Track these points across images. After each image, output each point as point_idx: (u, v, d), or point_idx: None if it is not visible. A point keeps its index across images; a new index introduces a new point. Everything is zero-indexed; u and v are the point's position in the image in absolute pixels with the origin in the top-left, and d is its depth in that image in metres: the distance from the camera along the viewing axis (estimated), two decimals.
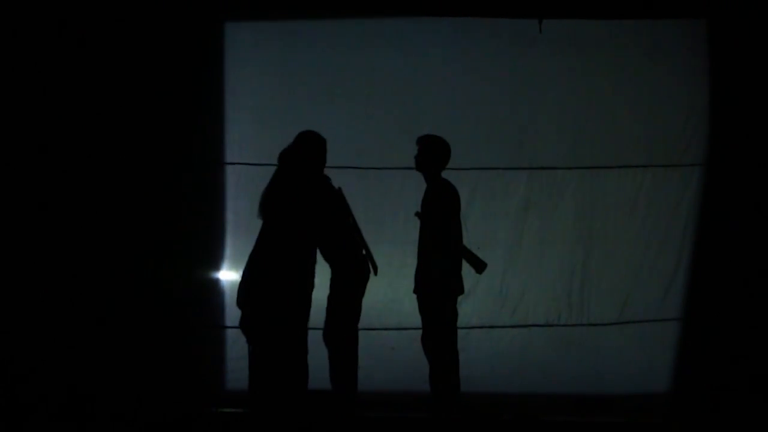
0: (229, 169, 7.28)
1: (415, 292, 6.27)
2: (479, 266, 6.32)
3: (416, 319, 6.29)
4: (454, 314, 6.27)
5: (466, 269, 6.33)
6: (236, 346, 7.02)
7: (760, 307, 6.75)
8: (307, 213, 5.85)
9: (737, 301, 6.80)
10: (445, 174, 6.40)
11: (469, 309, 7.06)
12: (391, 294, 6.52)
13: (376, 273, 6.31)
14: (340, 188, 6.33)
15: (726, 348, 6.77)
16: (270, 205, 5.86)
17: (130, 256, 6.85)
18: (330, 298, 6.28)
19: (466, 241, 6.45)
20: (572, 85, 7.31)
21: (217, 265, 7.26)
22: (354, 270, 6.29)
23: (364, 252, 6.31)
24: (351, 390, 6.27)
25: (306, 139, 5.97)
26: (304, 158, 5.91)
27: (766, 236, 6.81)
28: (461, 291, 6.29)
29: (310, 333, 6.09)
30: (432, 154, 6.29)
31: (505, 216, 7.30)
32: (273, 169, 6.10)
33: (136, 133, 6.95)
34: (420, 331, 6.29)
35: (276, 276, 5.76)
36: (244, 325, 5.88)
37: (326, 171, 6.29)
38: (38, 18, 6.77)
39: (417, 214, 6.29)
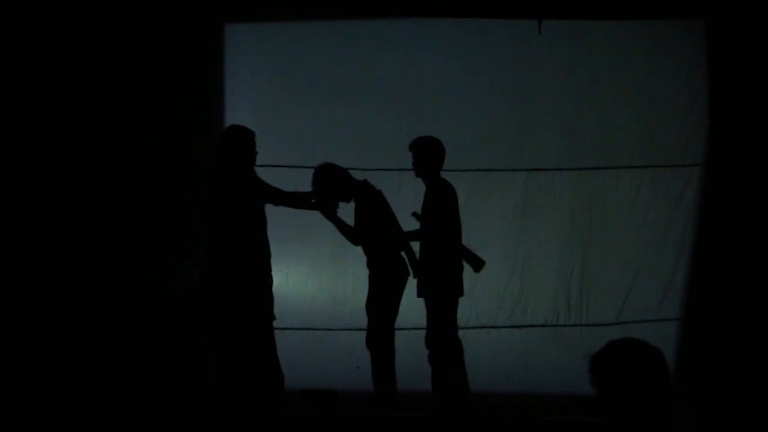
0: None
1: (419, 296, 6.24)
2: (477, 264, 6.32)
3: (414, 320, 6.30)
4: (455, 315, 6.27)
5: (465, 268, 6.33)
6: None
7: (760, 307, 6.74)
8: (244, 209, 5.81)
9: (737, 301, 6.79)
10: (444, 175, 6.40)
11: (467, 309, 7.06)
12: None
13: (414, 275, 6.33)
14: (380, 191, 6.36)
15: (726, 348, 6.76)
16: (206, 208, 5.84)
17: (129, 256, 6.85)
18: (368, 300, 6.31)
19: (464, 242, 6.45)
20: (571, 85, 7.32)
21: None
22: (390, 271, 6.30)
23: (403, 253, 6.34)
24: (391, 391, 6.29)
25: (226, 136, 5.94)
26: (228, 155, 5.87)
27: (766, 236, 6.80)
28: (461, 293, 6.29)
29: (313, 333, 6.11)
30: (426, 157, 6.26)
31: (503, 217, 7.32)
32: (272, 169, 6.12)
33: (137, 134, 6.95)
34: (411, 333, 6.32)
35: (229, 276, 5.72)
36: (207, 331, 5.87)
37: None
38: (38, 18, 6.78)
39: (414, 214, 6.28)
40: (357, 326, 6.46)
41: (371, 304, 6.32)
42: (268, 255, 5.85)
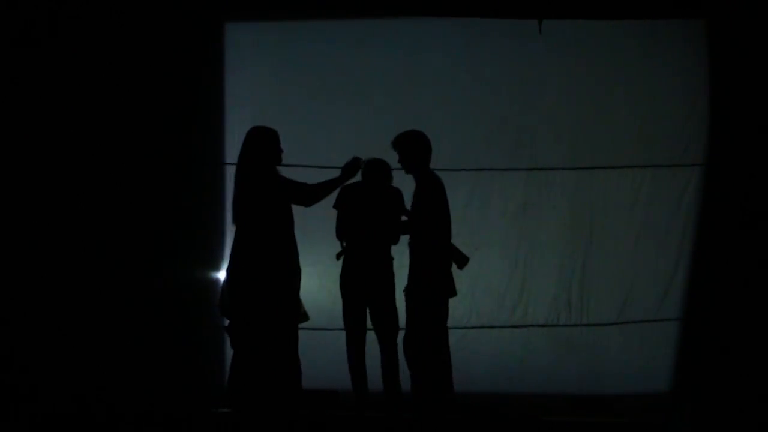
0: (229, 169, 7.29)
1: (405, 291, 6.20)
2: (461, 261, 6.24)
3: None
4: (446, 315, 6.24)
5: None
6: None
7: (760, 307, 6.74)
8: (270, 208, 5.81)
9: (737, 301, 6.79)
10: (445, 175, 6.37)
11: (468, 309, 7.08)
12: None
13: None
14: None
15: (726, 348, 6.76)
16: (235, 209, 5.85)
17: (130, 256, 6.85)
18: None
19: (465, 241, 6.44)
20: (572, 85, 7.32)
21: (217, 265, 7.27)
22: None
23: None
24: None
25: (250, 136, 5.95)
26: (251, 155, 5.88)
27: (766, 236, 6.80)
28: (454, 293, 6.26)
29: (313, 333, 6.10)
30: (414, 152, 6.20)
31: (503, 216, 7.32)
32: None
33: (137, 133, 6.95)
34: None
35: (258, 277, 5.73)
36: (231, 330, 5.87)
37: (326, 171, 6.32)
38: (38, 18, 6.78)
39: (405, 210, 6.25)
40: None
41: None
42: (296, 254, 5.87)
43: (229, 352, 6.97)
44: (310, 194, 5.98)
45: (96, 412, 6.39)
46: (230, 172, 7.25)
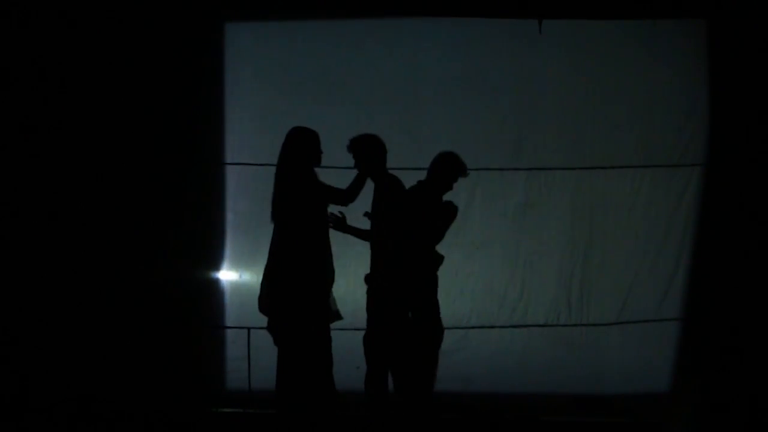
0: (229, 169, 7.29)
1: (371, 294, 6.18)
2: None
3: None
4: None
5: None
6: (236, 346, 7.05)
7: (760, 307, 6.75)
8: (308, 208, 5.85)
9: (737, 301, 6.80)
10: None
11: (468, 309, 7.08)
12: None
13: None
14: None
15: (726, 348, 6.77)
16: (274, 208, 5.89)
17: (130, 256, 6.86)
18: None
19: (465, 241, 6.43)
20: (572, 85, 7.32)
21: (217, 265, 7.28)
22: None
23: None
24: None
25: (291, 136, 5.97)
26: (292, 155, 5.91)
27: (766, 236, 6.80)
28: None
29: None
30: (370, 155, 6.14)
31: (504, 216, 7.32)
32: (273, 169, 6.11)
33: (137, 133, 6.96)
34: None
35: (294, 275, 5.76)
36: (271, 328, 5.89)
37: (324, 171, 6.32)
38: (38, 18, 6.78)
39: (366, 214, 6.21)
40: (357, 326, 6.45)
41: None
42: (331, 254, 5.91)
43: (230, 352, 7.01)
44: (346, 194, 6.05)
45: (95, 412, 6.39)
46: (230, 172, 7.29)
